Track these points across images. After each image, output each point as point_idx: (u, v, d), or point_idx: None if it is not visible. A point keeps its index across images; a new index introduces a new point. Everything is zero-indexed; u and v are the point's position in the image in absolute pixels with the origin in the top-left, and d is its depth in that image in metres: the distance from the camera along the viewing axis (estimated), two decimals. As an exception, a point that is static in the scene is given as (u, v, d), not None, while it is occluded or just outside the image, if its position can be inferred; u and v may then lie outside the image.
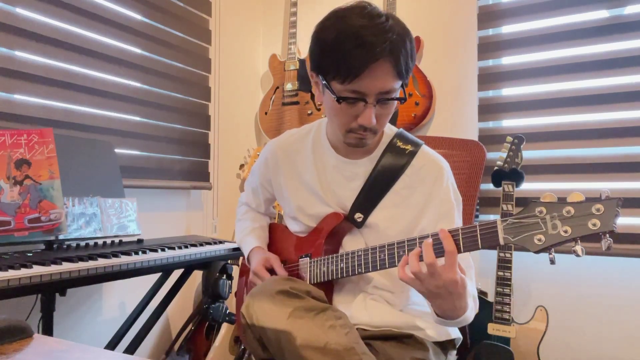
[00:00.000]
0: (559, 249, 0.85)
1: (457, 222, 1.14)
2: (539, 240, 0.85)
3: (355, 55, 0.97)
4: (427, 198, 1.13)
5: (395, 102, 1.05)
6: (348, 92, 1.01)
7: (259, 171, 1.37)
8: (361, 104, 1.02)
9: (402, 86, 1.05)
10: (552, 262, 0.86)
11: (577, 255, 0.81)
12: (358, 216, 1.16)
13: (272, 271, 1.23)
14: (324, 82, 1.05)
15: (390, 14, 1.02)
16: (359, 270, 1.08)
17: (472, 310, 1.01)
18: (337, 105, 1.03)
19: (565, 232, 0.82)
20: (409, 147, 1.16)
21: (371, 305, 1.15)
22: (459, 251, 0.91)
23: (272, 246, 1.38)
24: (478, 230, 0.90)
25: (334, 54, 1.00)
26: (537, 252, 0.85)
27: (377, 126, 1.05)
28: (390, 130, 1.21)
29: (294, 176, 1.26)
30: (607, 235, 0.80)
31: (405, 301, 1.17)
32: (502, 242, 0.88)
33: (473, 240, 0.90)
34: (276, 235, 1.40)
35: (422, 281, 0.91)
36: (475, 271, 1.15)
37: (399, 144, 1.17)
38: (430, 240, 0.92)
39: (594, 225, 0.80)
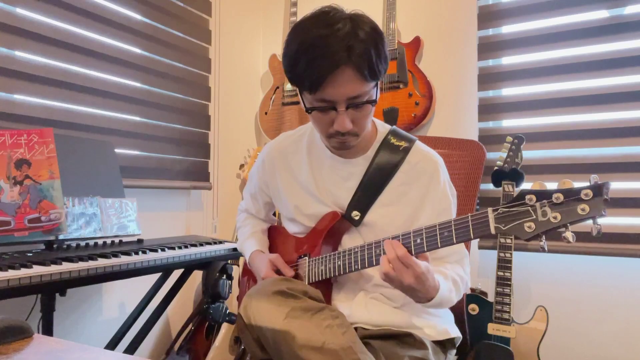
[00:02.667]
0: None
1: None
2: (529, 227, 0.85)
3: (315, 66, 0.98)
4: (423, 194, 1.14)
5: (371, 104, 1.05)
6: (317, 101, 1.03)
7: (257, 175, 1.37)
8: (333, 111, 1.03)
9: (376, 86, 1.05)
10: (543, 249, 0.86)
11: (568, 242, 0.82)
12: (355, 214, 1.16)
13: (279, 273, 1.23)
14: (298, 92, 1.08)
15: (356, 15, 1.02)
16: (356, 266, 1.08)
17: (450, 292, 1.04)
18: (311, 114, 1.06)
19: (555, 218, 0.83)
20: (403, 144, 1.17)
21: (371, 304, 1.15)
22: (452, 242, 0.94)
23: (271, 248, 1.39)
24: (470, 221, 0.91)
25: (298, 66, 1.01)
26: (528, 239, 0.86)
27: (356, 129, 1.06)
28: (383, 128, 1.21)
29: (290, 177, 1.26)
30: (597, 220, 0.80)
31: (405, 299, 1.17)
32: (493, 231, 0.88)
33: (465, 231, 0.92)
34: (275, 237, 1.40)
35: (393, 280, 0.95)
36: (474, 271, 1.16)
37: (393, 140, 1.17)
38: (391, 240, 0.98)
39: (583, 210, 0.80)
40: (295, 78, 1.05)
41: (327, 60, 0.97)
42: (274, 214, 1.50)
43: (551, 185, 0.85)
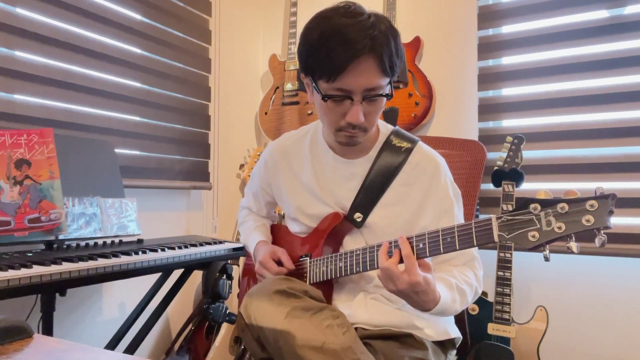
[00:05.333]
0: (555, 248, 0.85)
1: (458, 217, 1.15)
2: (533, 237, 0.84)
3: (337, 53, 0.98)
4: (424, 194, 1.13)
5: (384, 99, 1.05)
6: (334, 90, 1.02)
7: (259, 174, 1.38)
8: (348, 101, 1.03)
9: (390, 83, 1.05)
10: (546, 259, 0.85)
11: (572, 252, 0.81)
12: (358, 216, 1.16)
13: (279, 263, 1.23)
14: (312, 82, 1.06)
15: (375, 12, 1.03)
16: (357, 269, 1.08)
17: (454, 302, 1.02)
18: (325, 104, 1.04)
19: (559, 228, 0.82)
20: (405, 144, 1.17)
21: (371, 305, 1.15)
22: (455, 249, 0.92)
23: (273, 246, 1.38)
24: (473, 228, 0.91)
25: (318, 53, 1.01)
26: (531, 249, 0.85)
27: (366, 124, 1.06)
28: (386, 129, 1.21)
29: (292, 177, 1.26)
30: (601, 231, 0.80)
31: (405, 300, 1.17)
32: (496, 239, 0.88)
33: (468, 238, 0.91)
34: (277, 236, 1.40)
35: (387, 283, 0.94)
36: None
37: (395, 141, 1.17)
38: (385, 246, 0.98)
39: (588, 221, 0.80)
40: (313, 66, 1.04)
41: (350, 48, 0.97)
42: (275, 211, 1.51)
43: (552, 186, 0.85)
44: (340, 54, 0.98)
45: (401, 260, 0.94)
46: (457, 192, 1.17)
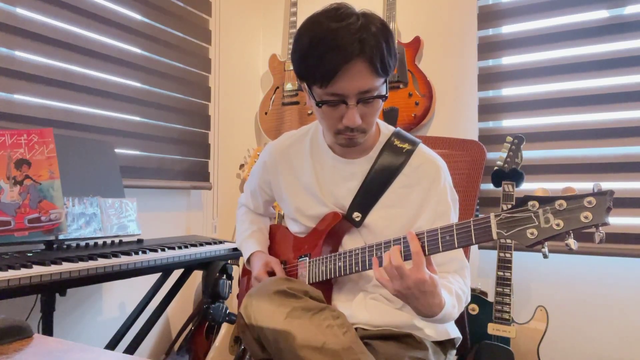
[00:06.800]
0: (555, 248, 0.85)
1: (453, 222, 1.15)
2: (532, 234, 0.84)
3: (328, 59, 0.98)
4: (424, 197, 1.13)
5: (380, 99, 1.05)
6: (328, 95, 1.02)
7: (258, 173, 1.38)
8: (343, 105, 1.02)
9: (385, 82, 1.05)
10: (545, 256, 0.86)
11: (570, 249, 0.81)
12: (356, 215, 1.16)
13: (273, 274, 1.23)
14: (307, 87, 1.07)
15: (366, 12, 1.03)
16: (357, 268, 1.08)
17: (453, 307, 1.02)
18: (321, 109, 1.04)
19: (558, 225, 0.82)
20: (407, 146, 1.16)
21: (371, 305, 1.15)
22: (454, 247, 0.92)
23: (272, 247, 1.38)
24: (472, 226, 0.90)
25: (309, 60, 1.01)
26: (529, 246, 0.85)
27: (364, 125, 1.06)
28: (387, 129, 1.21)
29: (292, 177, 1.26)
30: (599, 228, 0.80)
31: (406, 300, 1.17)
32: (495, 236, 0.88)
33: (467, 236, 0.91)
34: (276, 236, 1.40)
35: (393, 282, 0.94)
36: (474, 271, 1.16)
37: (396, 142, 1.17)
38: (400, 245, 0.96)
39: (586, 218, 0.80)
40: (305, 72, 1.04)
41: (339, 53, 0.97)
42: (273, 207, 1.51)
43: (552, 186, 0.85)
44: (330, 60, 0.97)
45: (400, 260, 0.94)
46: (455, 198, 1.17)
